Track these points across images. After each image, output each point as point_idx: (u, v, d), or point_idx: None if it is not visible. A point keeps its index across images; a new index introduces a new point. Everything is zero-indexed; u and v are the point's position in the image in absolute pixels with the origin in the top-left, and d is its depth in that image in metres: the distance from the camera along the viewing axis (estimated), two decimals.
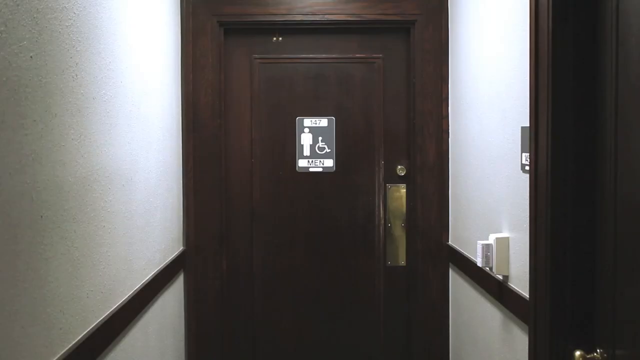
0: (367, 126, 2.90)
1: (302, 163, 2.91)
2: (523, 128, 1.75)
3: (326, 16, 2.74)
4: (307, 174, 2.91)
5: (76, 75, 1.40)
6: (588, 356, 1.42)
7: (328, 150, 2.91)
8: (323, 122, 2.91)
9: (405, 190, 2.89)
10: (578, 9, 1.47)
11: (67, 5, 1.36)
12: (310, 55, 2.89)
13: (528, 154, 1.67)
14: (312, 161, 2.92)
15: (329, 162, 2.91)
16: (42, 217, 1.23)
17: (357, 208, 2.93)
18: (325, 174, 2.91)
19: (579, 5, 1.46)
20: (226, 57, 2.83)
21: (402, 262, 2.91)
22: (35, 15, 1.20)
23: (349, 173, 2.92)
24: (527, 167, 1.72)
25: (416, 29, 2.74)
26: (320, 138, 2.92)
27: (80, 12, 1.43)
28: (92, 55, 1.50)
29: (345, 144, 2.91)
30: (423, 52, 2.74)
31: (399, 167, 2.89)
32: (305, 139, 2.92)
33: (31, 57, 1.18)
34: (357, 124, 2.91)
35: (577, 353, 1.42)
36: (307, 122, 2.92)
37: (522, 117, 1.75)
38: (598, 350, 1.41)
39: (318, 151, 2.92)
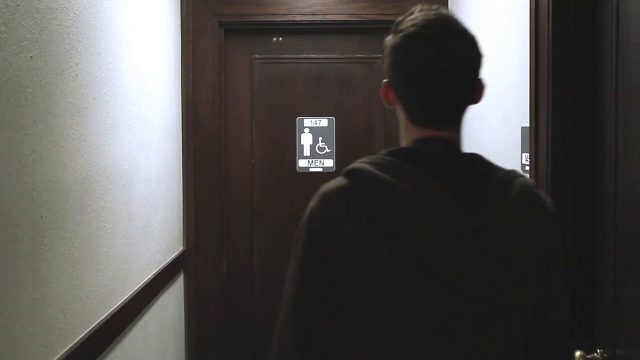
0: (367, 126, 2.90)
1: (302, 163, 2.91)
2: (523, 128, 1.75)
3: (326, 16, 2.74)
4: (307, 174, 2.91)
5: (76, 76, 1.40)
6: (588, 356, 1.42)
7: (328, 151, 2.91)
8: (323, 122, 2.91)
9: None
10: (578, 8, 1.47)
11: (67, 5, 1.36)
12: (311, 56, 2.89)
13: (528, 154, 1.67)
14: (312, 161, 2.92)
15: (329, 162, 2.91)
16: (42, 217, 1.23)
17: None
18: (325, 174, 2.91)
19: (579, 5, 1.46)
20: (226, 57, 2.83)
21: None
22: (35, 16, 1.20)
23: None
24: (527, 167, 1.72)
25: None
26: (320, 138, 2.92)
27: (80, 12, 1.43)
28: (92, 56, 1.50)
29: (346, 144, 2.91)
30: None
31: None
32: (306, 139, 2.92)
33: (31, 57, 1.18)
34: (357, 124, 2.91)
35: (578, 353, 1.42)
36: (307, 122, 2.92)
37: (522, 117, 1.75)
38: (598, 351, 1.41)
39: (318, 151, 2.92)
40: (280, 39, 2.88)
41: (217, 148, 2.74)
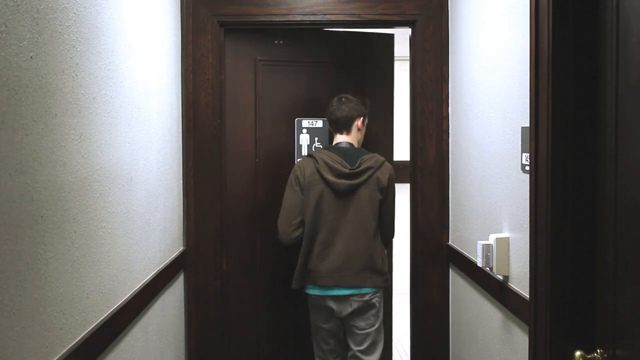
0: None
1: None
2: (523, 128, 1.75)
3: (326, 16, 2.74)
4: None
5: (76, 75, 1.40)
6: (588, 356, 1.42)
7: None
8: (319, 123, 2.92)
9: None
10: (578, 9, 1.47)
11: (67, 5, 1.36)
12: (309, 57, 2.89)
13: (528, 154, 1.67)
14: None
15: None
16: (42, 217, 1.23)
17: None
18: None
19: (579, 5, 1.46)
20: (226, 57, 2.82)
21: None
22: (35, 15, 1.20)
23: None
24: (527, 167, 1.72)
25: (416, 29, 2.74)
26: (316, 138, 2.92)
27: (80, 12, 1.43)
28: (92, 55, 1.50)
29: None
30: (423, 52, 2.74)
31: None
32: (304, 139, 2.93)
33: (31, 57, 1.18)
34: None
35: (577, 353, 1.42)
36: (305, 123, 2.92)
37: (522, 117, 1.75)
38: (598, 350, 1.41)
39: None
40: (282, 42, 2.89)
41: (217, 148, 2.74)
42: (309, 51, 2.94)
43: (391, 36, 3.04)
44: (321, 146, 2.94)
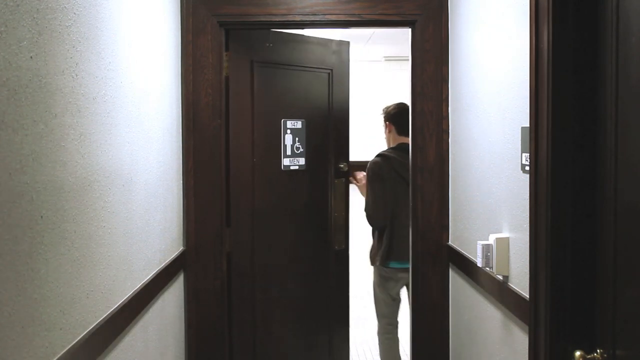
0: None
1: (285, 162, 2.91)
2: (523, 128, 1.75)
3: (326, 16, 2.73)
4: (289, 172, 2.91)
5: (76, 75, 1.40)
6: (588, 356, 1.42)
7: (302, 150, 2.91)
8: (298, 124, 2.97)
9: None
10: (578, 9, 1.47)
11: (67, 5, 1.36)
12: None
13: (528, 154, 1.67)
14: (292, 160, 2.92)
15: (302, 161, 2.91)
16: (42, 217, 1.23)
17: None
18: (300, 171, 2.91)
19: (579, 5, 1.46)
20: (226, 57, 2.82)
21: None
22: (35, 15, 1.20)
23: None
24: (527, 167, 1.72)
25: (416, 29, 2.74)
26: (297, 139, 2.93)
27: (80, 12, 1.43)
28: (92, 55, 1.50)
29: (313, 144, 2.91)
30: (423, 52, 2.74)
31: None
32: (288, 140, 2.98)
33: (31, 57, 1.18)
34: (320, 125, 2.94)
35: (577, 353, 1.42)
36: (289, 124, 2.93)
37: (522, 117, 1.75)
38: (598, 350, 1.41)
39: (295, 150, 2.92)
40: (271, 44, 2.92)
41: (217, 148, 2.74)
42: (291, 55, 3.00)
43: (347, 43, 3.32)
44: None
